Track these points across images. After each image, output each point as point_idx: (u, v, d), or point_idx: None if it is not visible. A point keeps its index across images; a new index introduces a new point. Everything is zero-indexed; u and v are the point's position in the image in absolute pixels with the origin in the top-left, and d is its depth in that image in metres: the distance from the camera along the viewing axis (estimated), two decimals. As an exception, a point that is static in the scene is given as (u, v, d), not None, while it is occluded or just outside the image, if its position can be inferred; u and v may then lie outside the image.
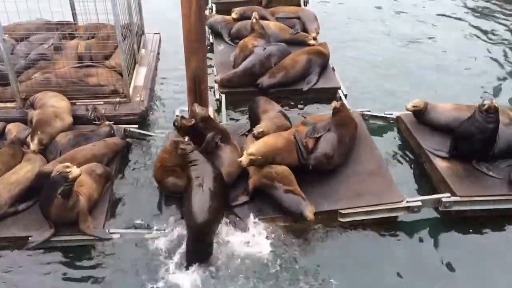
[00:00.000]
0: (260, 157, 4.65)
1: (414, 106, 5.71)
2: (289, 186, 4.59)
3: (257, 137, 5.05)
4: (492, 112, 4.86)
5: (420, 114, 5.73)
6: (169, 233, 4.49)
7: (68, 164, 4.22)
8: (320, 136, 5.10)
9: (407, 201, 4.70)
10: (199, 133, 5.03)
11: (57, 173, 4.14)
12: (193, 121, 5.04)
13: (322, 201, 4.72)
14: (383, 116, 6.19)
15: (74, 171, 4.13)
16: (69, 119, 5.64)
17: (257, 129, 5.19)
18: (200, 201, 4.28)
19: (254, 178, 4.74)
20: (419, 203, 4.69)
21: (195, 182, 4.41)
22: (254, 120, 5.64)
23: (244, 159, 4.61)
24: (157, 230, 4.52)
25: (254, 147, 4.74)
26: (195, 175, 4.48)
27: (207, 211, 4.23)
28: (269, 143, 4.86)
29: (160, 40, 8.30)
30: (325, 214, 4.69)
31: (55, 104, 5.67)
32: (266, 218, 4.60)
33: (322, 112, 6.47)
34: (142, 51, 7.66)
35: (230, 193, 4.79)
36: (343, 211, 4.62)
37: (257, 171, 4.76)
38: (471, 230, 4.70)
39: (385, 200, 4.71)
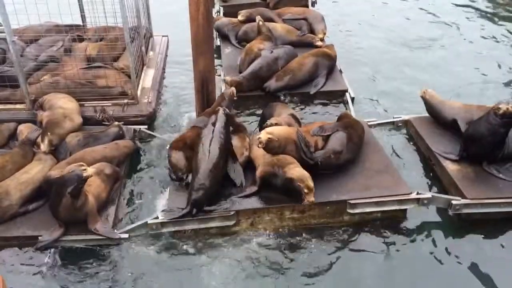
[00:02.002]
0: (276, 139, 4.68)
1: (430, 95, 5.72)
2: (290, 164, 4.58)
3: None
4: (507, 117, 4.73)
5: (429, 105, 5.79)
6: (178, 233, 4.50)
7: (82, 163, 4.26)
8: (329, 136, 5.12)
9: (417, 193, 4.68)
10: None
11: (71, 171, 4.17)
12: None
13: (331, 193, 4.72)
14: (391, 121, 6.16)
15: (89, 169, 4.21)
16: (78, 119, 5.67)
17: (271, 120, 5.28)
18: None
19: (259, 170, 4.77)
20: (429, 195, 4.67)
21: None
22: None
23: (263, 136, 4.64)
24: (166, 230, 4.51)
25: (270, 129, 4.82)
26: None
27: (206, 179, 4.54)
28: (285, 130, 4.93)
29: (168, 43, 8.35)
30: (334, 205, 4.68)
31: (64, 105, 5.70)
32: (273, 208, 4.61)
33: (330, 114, 6.48)
34: (150, 53, 7.70)
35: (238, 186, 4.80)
36: (352, 201, 4.60)
37: (263, 164, 4.78)
38: (481, 233, 4.65)
39: (394, 193, 4.70)
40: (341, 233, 4.66)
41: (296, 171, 4.53)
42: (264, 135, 4.68)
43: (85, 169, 4.17)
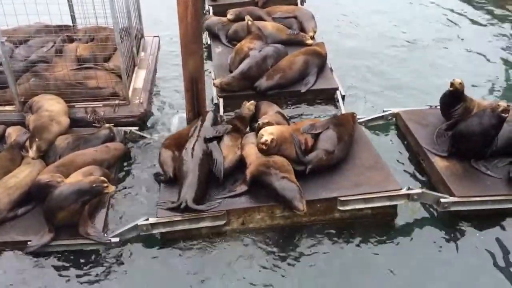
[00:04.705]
0: (276, 139, 4.71)
1: (460, 84, 5.43)
2: (286, 173, 4.59)
3: (261, 129, 5.06)
4: (505, 115, 4.78)
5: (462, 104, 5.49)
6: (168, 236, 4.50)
7: (104, 179, 4.30)
8: (319, 135, 5.13)
9: (408, 188, 4.72)
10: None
11: (94, 186, 4.21)
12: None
13: (320, 190, 4.73)
14: (380, 116, 6.19)
15: (111, 187, 4.29)
16: (65, 121, 5.62)
17: (263, 119, 5.25)
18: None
19: (251, 167, 4.76)
20: (419, 191, 4.70)
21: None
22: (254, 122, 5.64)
23: (267, 137, 4.65)
24: (156, 231, 4.51)
25: (269, 129, 4.82)
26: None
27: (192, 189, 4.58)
28: (279, 129, 4.93)
29: (159, 43, 8.32)
30: (324, 203, 4.69)
31: (49, 107, 5.64)
32: (264, 206, 4.62)
33: (321, 112, 6.50)
34: (142, 54, 7.67)
35: (228, 185, 4.84)
36: (342, 198, 4.63)
37: (255, 161, 4.79)
38: (471, 228, 4.69)
39: (384, 189, 4.72)
40: (332, 230, 4.68)
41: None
42: (267, 136, 4.68)
43: (107, 186, 4.23)
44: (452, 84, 5.46)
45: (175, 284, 4.23)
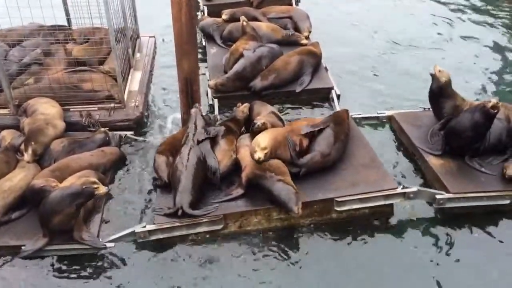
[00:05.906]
0: (269, 151, 4.68)
1: (440, 71, 5.40)
2: (281, 176, 4.59)
3: (260, 130, 5.04)
4: (494, 111, 4.81)
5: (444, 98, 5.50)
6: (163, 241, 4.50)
7: (95, 180, 4.27)
8: (315, 136, 5.12)
9: (404, 186, 4.74)
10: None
11: (84, 187, 4.17)
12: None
13: (317, 191, 4.74)
14: (375, 116, 6.21)
15: (102, 188, 4.22)
16: (61, 125, 5.60)
17: (259, 120, 5.19)
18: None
19: (247, 171, 4.75)
20: (415, 189, 4.72)
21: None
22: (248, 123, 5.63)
23: (261, 155, 4.58)
24: (154, 237, 4.51)
25: (262, 142, 4.71)
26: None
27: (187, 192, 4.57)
28: (271, 136, 4.88)
29: (155, 44, 8.30)
30: (321, 204, 4.70)
31: (45, 111, 5.62)
32: (261, 209, 4.62)
33: (316, 112, 6.50)
34: (137, 55, 7.64)
35: (224, 188, 4.84)
36: (339, 199, 4.64)
37: (250, 163, 4.77)
38: (465, 228, 4.70)
39: (380, 188, 4.74)
40: (329, 231, 4.69)
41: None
42: (260, 152, 4.58)
43: (97, 187, 4.19)
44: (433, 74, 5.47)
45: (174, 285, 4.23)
